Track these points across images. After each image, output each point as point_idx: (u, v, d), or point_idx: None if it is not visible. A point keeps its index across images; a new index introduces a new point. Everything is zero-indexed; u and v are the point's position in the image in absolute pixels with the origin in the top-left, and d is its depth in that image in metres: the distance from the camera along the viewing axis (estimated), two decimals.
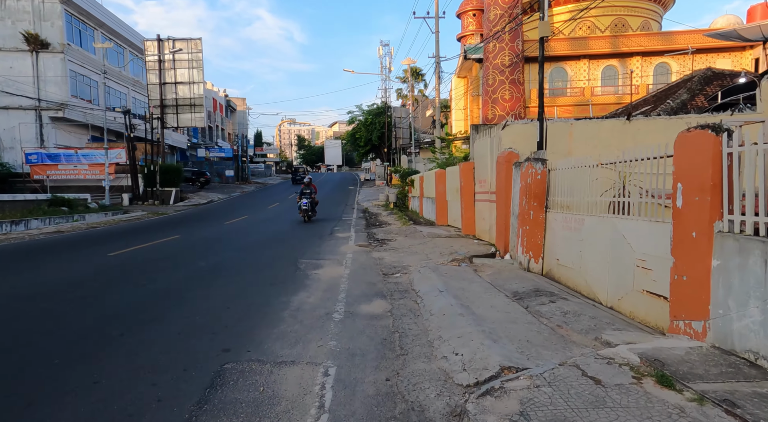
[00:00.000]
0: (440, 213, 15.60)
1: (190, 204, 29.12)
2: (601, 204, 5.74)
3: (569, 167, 6.59)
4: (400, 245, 11.14)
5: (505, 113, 27.51)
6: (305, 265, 8.47)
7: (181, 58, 31.68)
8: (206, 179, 40.47)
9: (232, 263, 8.80)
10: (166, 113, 31.90)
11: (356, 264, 8.62)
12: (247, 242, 12.14)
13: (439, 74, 24.50)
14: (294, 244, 11.55)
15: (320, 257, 9.47)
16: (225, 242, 12.07)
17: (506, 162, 8.36)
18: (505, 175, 8.39)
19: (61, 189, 28.44)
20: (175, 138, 47.09)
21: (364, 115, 55.98)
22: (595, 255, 5.74)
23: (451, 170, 14.39)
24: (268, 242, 11.98)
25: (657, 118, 8.30)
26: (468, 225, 12.24)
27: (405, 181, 24.86)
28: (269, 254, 9.95)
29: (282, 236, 13.49)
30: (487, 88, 28.05)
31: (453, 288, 6.19)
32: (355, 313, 5.41)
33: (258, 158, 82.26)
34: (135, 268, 8.35)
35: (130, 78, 38.99)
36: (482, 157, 11.41)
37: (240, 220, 18.75)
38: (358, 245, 11.26)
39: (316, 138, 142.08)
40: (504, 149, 8.65)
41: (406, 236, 12.77)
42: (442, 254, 9.36)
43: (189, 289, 6.66)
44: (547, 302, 5.40)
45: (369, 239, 12.57)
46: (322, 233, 13.86)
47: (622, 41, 27.65)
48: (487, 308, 5.26)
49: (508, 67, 27.44)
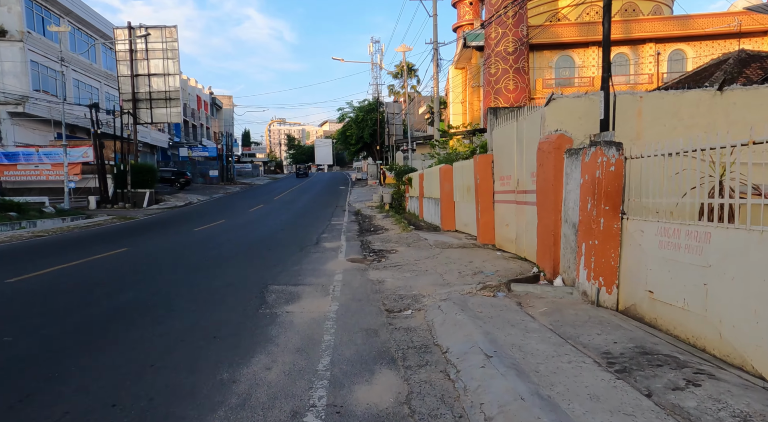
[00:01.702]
0: (446, 216, 13.26)
1: (165, 207, 26.50)
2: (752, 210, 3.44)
3: (674, 151, 4.26)
4: (403, 258, 8.77)
5: (509, 104, 25.26)
6: (275, 296, 6.05)
7: (155, 48, 28.99)
8: (187, 179, 37.78)
9: (165, 295, 6.23)
10: (140, 108, 29.19)
11: (348, 293, 6.23)
12: (208, 256, 9.68)
13: (437, 61, 22.17)
14: (268, 259, 9.12)
15: (299, 280, 7.06)
16: (180, 258, 9.59)
17: (555, 150, 6.01)
18: (553, 167, 6.05)
19: (20, 192, 25.69)
20: (155, 137, 44.28)
21: (355, 112, 53.53)
22: (744, 295, 3.42)
23: (462, 166, 12.05)
24: (236, 257, 9.54)
25: (763, 88, 6.01)
26: (486, 232, 9.90)
27: (401, 179, 22.49)
28: (230, 276, 7.49)
29: (256, 247, 11.05)
30: (489, 78, 25.79)
31: (503, 346, 3.84)
32: (347, 411, 3.02)
33: (245, 158, 79.47)
34: (14, 309, 5.88)
35: (102, 71, 36.17)
36: (504, 148, 9.08)
37: (213, 226, 16.26)
38: (349, 260, 8.87)
39: (306, 138, 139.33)
40: (549, 132, 6.31)
41: (409, 246, 10.41)
42: (463, 273, 7.01)
43: (56, 359, 3.99)
44: (684, 386, 3.06)
45: (363, 250, 10.19)
46: (305, 243, 11.44)
47: (634, 26, 25.53)
48: (583, 400, 2.91)
49: (512, 55, 25.22)
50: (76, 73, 33.15)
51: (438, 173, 13.85)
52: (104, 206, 26.10)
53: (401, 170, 22.35)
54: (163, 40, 28.97)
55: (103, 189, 26.42)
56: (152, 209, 25.87)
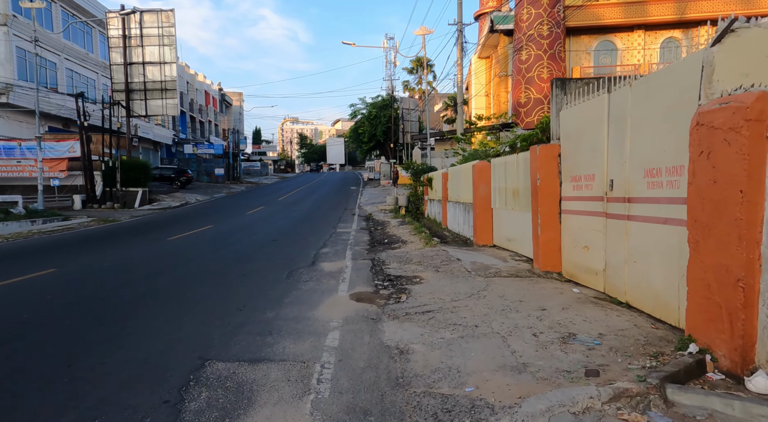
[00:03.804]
0: (481, 227, 10.35)
1: (158, 208, 23.99)
2: None
3: None
4: (433, 295, 5.90)
5: (542, 95, 22.22)
6: (204, 399, 3.23)
7: (151, 34, 26.51)
8: (188, 177, 35.30)
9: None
10: (133, 99, 26.74)
11: (345, 387, 3.38)
12: (149, 288, 6.85)
13: (461, 44, 19.24)
14: (234, 295, 6.30)
15: (264, 349, 4.17)
16: (98, 291, 6.82)
17: (748, 123, 3.08)
18: (743, 156, 3.12)
19: (2, 189, 23.50)
20: (158, 132, 42.05)
21: (368, 108, 50.67)
22: None
23: (506, 162, 9.13)
24: (189, 290, 6.72)
25: None
26: (548, 255, 6.98)
27: (419, 179, 19.57)
28: (150, 340, 4.59)
29: (230, 269, 8.24)
30: (520, 66, 22.75)
31: None
32: None
33: (255, 157, 77.30)
34: None
35: (100, 61, 33.88)
36: (583, 135, 6.17)
37: (195, 233, 13.56)
38: (354, 297, 6.02)
39: (319, 137, 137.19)
40: (725, 93, 3.39)
41: (438, 271, 7.54)
42: (543, 340, 4.12)
43: None
44: None
45: (375, 276, 7.35)
46: (297, 263, 8.61)
47: (690, 6, 22.26)
48: None
49: (547, 39, 22.15)
50: (70, 63, 30.90)
51: (470, 172, 10.95)
52: (91, 206, 23.69)
53: (420, 168, 19.44)
54: (159, 25, 26.49)
55: (90, 187, 23.99)
56: (143, 210, 23.37)
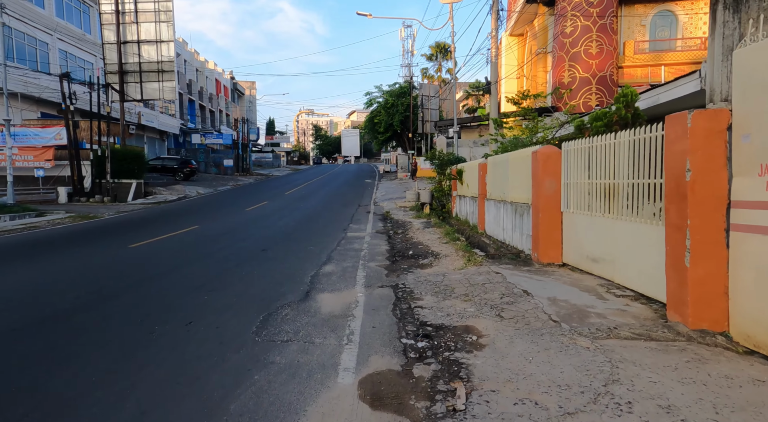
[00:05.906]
0: (546, 238, 7.41)
1: (151, 202, 21.54)
2: None
3: None
4: (517, 395, 3.08)
5: (590, 73, 19.01)
6: None
7: (146, 9, 23.98)
8: (192, 169, 32.89)
9: None
10: (128, 82, 24.32)
11: None
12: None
13: (497, 11, 16.16)
14: (125, 392, 3.60)
15: None
16: None
17: None
18: None
19: None
20: (164, 121, 39.76)
21: (385, 96, 47.69)
22: None
23: (588, 147, 6.15)
24: (36, 387, 4.06)
25: None
26: (706, 302, 4.07)
27: (444, 172, 16.59)
28: None
29: (167, 310, 5.45)
30: (563, 40, 19.50)
31: None
32: None
33: (267, 148, 74.97)
34: None
35: (98, 43, 31.51)
36: None
37: (169, 237, 10.91)
38: (368, 393, 3.22)
39: (334, 129, 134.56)
40: None
41: (500, 317, 4.69)
42: None
43: None
44: None
45: (402, 327, 4.55)
46: (280, 297, 5.82)
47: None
48: None
49: (597, 8, 18.87)
50: (64, 44, 28.58)
51: (527, 163, 8.01)
52: (78, 200, 21.36)
53: (447, 159, 16.45)
54: (155, 0, 23.94)
55: (77, 179, 21.65)
56: (135, 204, 20.95)
